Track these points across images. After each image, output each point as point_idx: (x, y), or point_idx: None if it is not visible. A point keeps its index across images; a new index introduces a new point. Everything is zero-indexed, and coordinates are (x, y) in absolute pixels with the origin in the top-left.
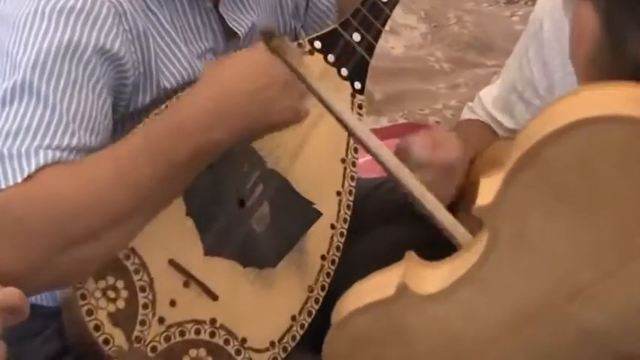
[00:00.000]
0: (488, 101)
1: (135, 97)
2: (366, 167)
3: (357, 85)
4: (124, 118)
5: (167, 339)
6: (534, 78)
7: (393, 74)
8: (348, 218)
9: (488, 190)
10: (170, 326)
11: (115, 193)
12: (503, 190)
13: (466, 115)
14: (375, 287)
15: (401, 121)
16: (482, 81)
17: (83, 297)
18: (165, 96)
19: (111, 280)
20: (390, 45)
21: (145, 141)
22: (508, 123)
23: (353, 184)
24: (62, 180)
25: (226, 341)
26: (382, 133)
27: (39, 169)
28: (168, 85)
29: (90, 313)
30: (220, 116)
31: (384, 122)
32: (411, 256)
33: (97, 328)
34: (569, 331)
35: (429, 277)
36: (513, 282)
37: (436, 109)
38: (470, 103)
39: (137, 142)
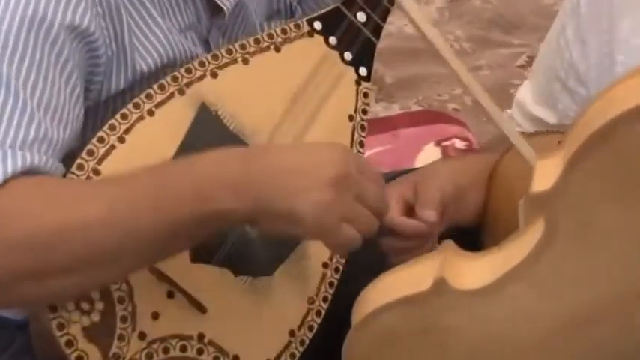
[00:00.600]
0: (527, 100)
1: (107, 81)
2: (375, 161)
3: (363, 71)
4: (96, 108)
5: (149, 356)
6: (575, 61)
7: (406, 55)
8: None
9: (545, 174)
10: (152, 342)
11: (102, 236)
12: (566, 175)
13: None
14: (406, 280)
15: (415, 108)
16: (507, 63)
17: (53, 309)
18: (143, 80)
19: None
20: (403, 22)
21: (151, 182)
22: (551, 118)
23: None
24: (38, 199)
25: (216, 359)
26: (393, 122)
27: (10, 178)
28: (144, 67)
29: (61, 327)
30: (241, 187)
31: (395, 110)
32: (448, 245)
33: (69, 343)
34: (636, 333)
35: (471, 271)
36: (574, 278)
37: (455, 94)
38: (508, 111)
39: (141, 181)
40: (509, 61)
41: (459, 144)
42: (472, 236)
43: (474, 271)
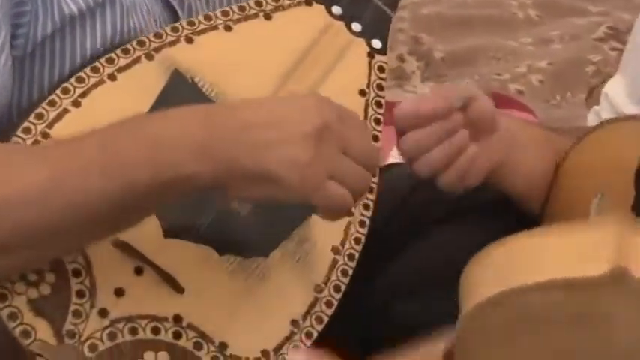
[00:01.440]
0: (620, 99)
1: (34, 26)
2: None
3: (376, 43)
4: (23, 60)
5: (112, 336)
6: None
7: (460, 26)
8: (371, 204)
9: None
10: (116, 321)
11: (44, 207)
12: None
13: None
14: (564, 256)
15: None
16: (582, 35)
17: None
18: (71, 25)
19: None
20: None
21: (98, 146)
22: None
23: None
24: None
25: (197, 345)
26: None
27: None
28: (74, 7)
29: (3, 297)
30: (204, 148)
31: None
32: (622, 218)
33: (12, 316)
34: None
35: None
36: None
37: (519, 72)
38: (596, 107)
39: (87, 145)
40: (585, 33)
41: None
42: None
43: None
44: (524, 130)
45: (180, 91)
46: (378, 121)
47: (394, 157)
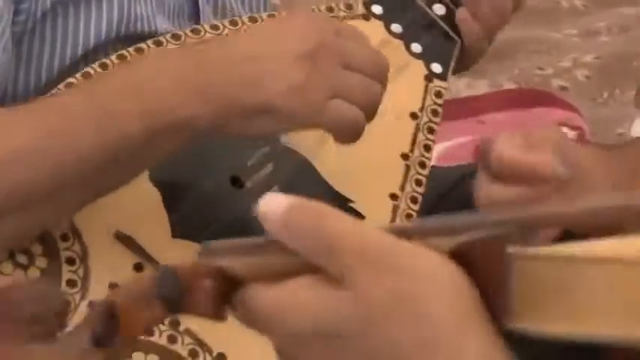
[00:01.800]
0: None
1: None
2: (451, 156)
3: (436, 67)
4: (22, 37)
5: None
6: None
7: None
8: (419, 197)
9: None
10: None
11: (37, 166)
12: None
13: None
14: None
15: (508, 86)
16: (632, 26)
17: None
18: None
19: None
20: None
21: (86, 100)
22: None
23: (419, 190)
24: None
25: (193, 352)
26: (479, 105)
27: None
28: None
29: None
30: (199, 89)
31: (482, 88)
32: None
33: None
34: None
35: None
36: None
37: (562, 67)
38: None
39: (75, 100)
40: (636, 24)
41: (568, 133)
42: None
43: None
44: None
45: None
46: (427, 148)
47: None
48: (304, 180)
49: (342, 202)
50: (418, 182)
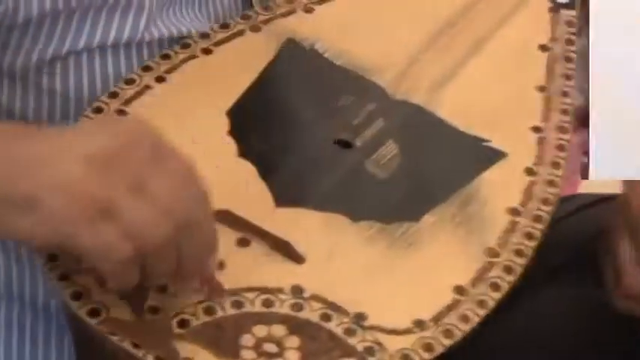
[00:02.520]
0: None
1: None
2: None
3: None
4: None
5: (209, 311)
6: None
7: None
8: (562, 162)
9: None
10: None
11: None
12: None
13: None
14: None
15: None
16: None
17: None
18: None
19: None
20: None
21: None
22: None
23: (566, 119)
24: None
25: (325, 317)
26: None
27: None
28: None
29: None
30: None
31: None
32: None
33: (76, 295)
34: None
35: None
36: None
37: None
38: None
39: None
40: None
41: None
42: None
43: None
44: None
45: (297, 58)
46: (568, 77)
47: None
48: (422, 127)
49: (474, 142)
50: (565, 112)
